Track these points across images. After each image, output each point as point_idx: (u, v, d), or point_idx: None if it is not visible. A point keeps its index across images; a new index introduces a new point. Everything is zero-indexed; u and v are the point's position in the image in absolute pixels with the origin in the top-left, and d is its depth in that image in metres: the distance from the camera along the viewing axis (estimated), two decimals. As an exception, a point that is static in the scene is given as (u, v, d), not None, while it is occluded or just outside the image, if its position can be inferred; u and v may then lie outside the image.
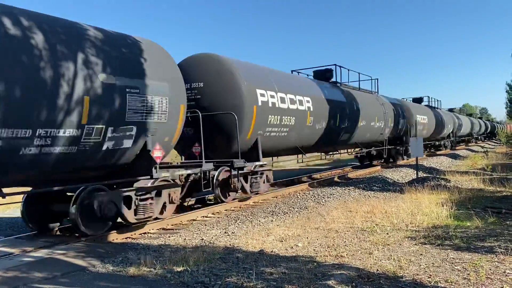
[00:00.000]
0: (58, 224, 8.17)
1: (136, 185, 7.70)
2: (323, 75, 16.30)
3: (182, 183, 8.98)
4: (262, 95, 10.86)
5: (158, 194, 8.20)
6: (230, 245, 6.76)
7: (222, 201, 10.39)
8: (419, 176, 15.26)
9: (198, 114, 9.32)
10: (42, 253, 6.30)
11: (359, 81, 18.70)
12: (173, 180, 8.53)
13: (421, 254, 5.84)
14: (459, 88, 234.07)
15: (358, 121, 16.50)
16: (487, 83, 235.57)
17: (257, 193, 11.38)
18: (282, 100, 11.68)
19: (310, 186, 14.32)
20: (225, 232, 7.81)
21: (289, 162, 20.48)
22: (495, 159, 23.21)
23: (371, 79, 20.37)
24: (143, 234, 8.08)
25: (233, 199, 10.79)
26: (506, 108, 60.58)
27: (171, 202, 8.50)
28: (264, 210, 10.04)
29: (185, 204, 10.49)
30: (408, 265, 5.37)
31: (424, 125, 26.04)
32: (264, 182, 11.49)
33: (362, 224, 7.91)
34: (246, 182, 10.84)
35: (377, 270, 5.20)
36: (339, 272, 5.12)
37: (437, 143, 32.16)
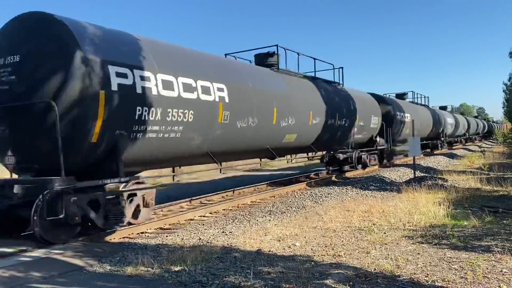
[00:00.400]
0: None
1: None
2: (263, 59, 12.92)
3: None
4: (122, 75, 7.14)
5: None
6: (228, 244, 6.76)
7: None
8: (416, 175, 15.28)
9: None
10: (39, 252, 6.28)
11: (315, 71, 15.00)
12: None
13: (419, 253, 5.85)
14: (457, 88, 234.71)
15: (308, 118, 13.08)
16: (485, 82, 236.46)
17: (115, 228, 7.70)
18: (167, 85, 7.97)
19: (307, 186, 14.33)
20: (223, 232, 7.81)
21: (281, 163, 20.26)
22: (492, 159, 23.28)
23: (332, 69, 16.43)
24: (140, 234, 8.07)
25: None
26: (503, 107, 60.83)
27: None
28: (261, 209, 10.04)
29: None
30: (405, 264, 5.38)
31: (407, 124, 21.70)
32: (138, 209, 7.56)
33: (359, 224, 7.93)
34: (97, 212, 7.02)
35: (375, 269, 5.21)
36: (336, 271, 5.12)
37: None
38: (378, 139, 19.07)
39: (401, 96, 26.74)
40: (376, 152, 19.23)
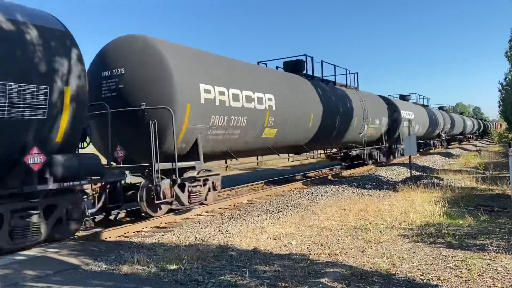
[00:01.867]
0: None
1: None
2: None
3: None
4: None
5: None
6: (224, 243, 6.75)
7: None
8: (412, 174, 15.32)
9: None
10: (34, 251, 6.26)
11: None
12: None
13: (414, 252, 5.87)
14: (453, 87, 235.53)
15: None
16: (481, 82, 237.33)
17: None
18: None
19: (304, 185, 14.34)
20: (219, 230, 7.80)
21: (279, 162, 20.49)
22: (488, 158, 23.37)
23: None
24: (136, 233, 8.05)
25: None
26: (499, 107, 61.06)
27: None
28: (258, 208, 10.04)
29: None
30: (401, 263, 5.39)
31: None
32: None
33: (355, 222, 7.94)
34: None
35: (370, 268, 5.22)
36: (332, 270, 5.13)
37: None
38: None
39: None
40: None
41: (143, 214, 8.93)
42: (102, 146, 9.00)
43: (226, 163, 12.35)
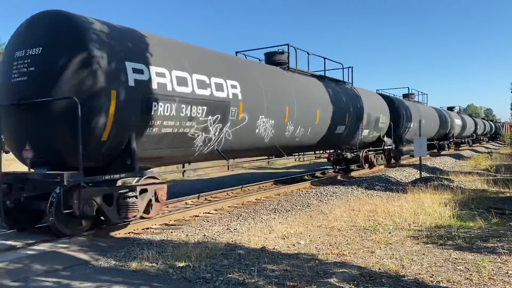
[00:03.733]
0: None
1: None
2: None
3: None
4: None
5: None
6: (232, 241, 6.76)
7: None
8: (422, 176, 15.21)
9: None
10: (44, 246, 6.32)
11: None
12: None
13: (424, 254, 5.83)
14: (464, 89, 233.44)
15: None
16: (493, 84, 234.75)
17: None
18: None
19: (312, 185, 14.31)
20: (228, 229, 7.81)
21: (287, 161, 20.22)
22: (499, 160, 23.13)
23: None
24: (145, 229, 8.10)
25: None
26: (511, 109, 60.35)
27: None
28: (266, 207, 10.04)
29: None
30: (410, 264, 5.36)
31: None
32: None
33: (364, 223, 7.90)
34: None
35: (379, 269, 5.19)
36: (340, 270, 5.11)
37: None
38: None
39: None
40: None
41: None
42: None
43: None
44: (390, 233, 7.09)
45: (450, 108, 40.23)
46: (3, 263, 5.45)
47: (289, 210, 9.63)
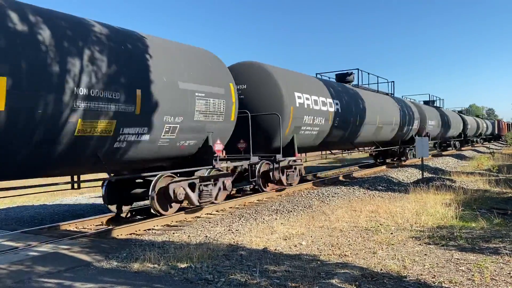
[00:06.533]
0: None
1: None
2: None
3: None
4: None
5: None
6: (234, 242, 6.77)
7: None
8: (424, 176, 15.19)
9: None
10: (47, 247, 6.34)
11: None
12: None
13: (426, 254, 5.82)
14: (466, 89, 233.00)
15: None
16: (495, 83, 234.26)
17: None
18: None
19: (314, 185, 14.30)
20: (229, 230, 7.81)
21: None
22: (502, 160, 23.07)
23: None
24: (147, 230, 8.11)
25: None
26: (513, 108, 59.95)
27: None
28: (268, 208, 10.04)
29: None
30: (412, 265, 5.35)
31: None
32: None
33: (366, 224, 7.90)
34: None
35: (381, 269, 5.19)
36: (342, 271, 5.11)
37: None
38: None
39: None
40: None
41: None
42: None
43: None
44: (392, 233, 7.08)
45: (453, 109, 40.51)
46: (5, 264, 5.47)
47: (291, 211, 9.62)
